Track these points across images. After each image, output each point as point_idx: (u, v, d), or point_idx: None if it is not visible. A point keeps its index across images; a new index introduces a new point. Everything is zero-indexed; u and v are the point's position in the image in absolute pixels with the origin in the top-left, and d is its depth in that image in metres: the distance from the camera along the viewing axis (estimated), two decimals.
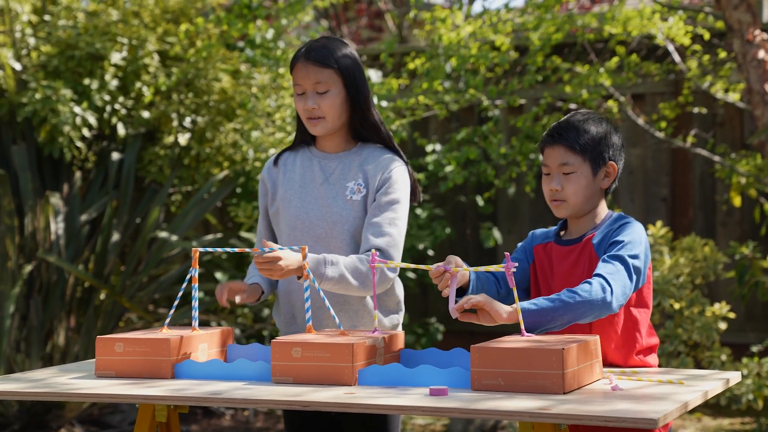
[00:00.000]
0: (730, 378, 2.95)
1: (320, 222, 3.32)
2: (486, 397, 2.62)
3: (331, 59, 3.31)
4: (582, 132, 3.10)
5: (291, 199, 3.37)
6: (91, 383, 2.90)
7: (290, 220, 3.35)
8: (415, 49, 7.57)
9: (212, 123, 6.71)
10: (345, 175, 3.37)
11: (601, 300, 2.87)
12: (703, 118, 7.26)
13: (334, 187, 3.36)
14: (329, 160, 3.41)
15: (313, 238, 3.32)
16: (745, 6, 5.83)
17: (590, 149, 3.10)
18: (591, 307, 2.86)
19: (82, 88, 6.44)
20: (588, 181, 3.10)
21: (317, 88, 3.31)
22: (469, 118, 7.73)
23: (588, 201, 3.12)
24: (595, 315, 2.89)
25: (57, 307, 6.31)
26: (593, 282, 2.88)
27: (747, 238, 7.08)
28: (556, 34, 6.68)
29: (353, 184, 3.35)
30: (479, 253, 7.80)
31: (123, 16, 6.73)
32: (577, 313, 2.86)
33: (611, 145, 3.13)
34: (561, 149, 3.11)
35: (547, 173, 3.15)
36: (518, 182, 7.54)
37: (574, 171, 3.10)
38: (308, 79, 3.31)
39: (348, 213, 3.32)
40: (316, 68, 3.30)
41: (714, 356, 5.90)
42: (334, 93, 3.32)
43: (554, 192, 3.12)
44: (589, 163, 3.10)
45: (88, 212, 6.52)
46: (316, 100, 3.31)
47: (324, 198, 3.35)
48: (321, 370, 2.80)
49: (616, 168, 3.15)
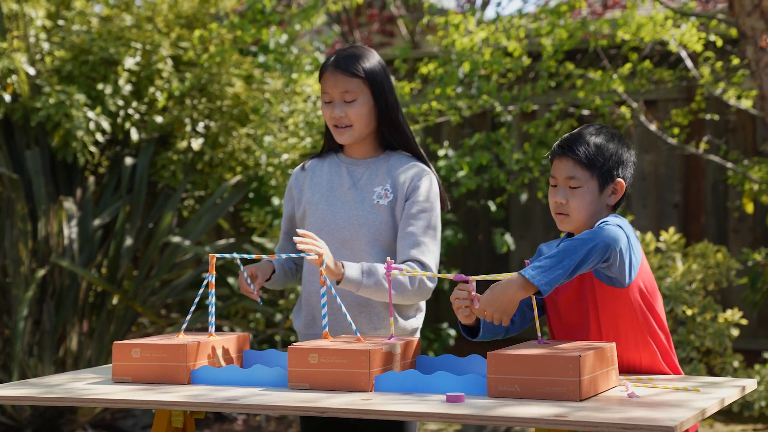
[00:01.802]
0: (746, 385, 2.95)
1: (346, 225, 3.34)
2: (502, 404, 2.62)
3: (359, 68, 3.33)
4: (592, 147, 3.06)
5: (318, 202, 3.40)
6: (108, 389, 2.90)
7: (316, 222, 3.38)
8: (428, 55, 7.58)
9: (225, 128, 6.72)
10: (372, 180, 3.39)
11: (599, 237, 2.82)
12: (716, 124, 7.26)
13: (362, 191, 3.38)
14: (357, 166, 3.43)
15: (339, 240, 3.34)
16: (758, 13, 5.83)
17: (599, 165, 3.05)
18: (591, 242, 2.81)
19: (96, 93, 6.46)
20: (593, 197, 3.06)
21: (345, 97, 3.33)
22: (482, 123, 7.74)
23: (592, 217, 3.07)
24: (601, 252, 2.82)
25: (70, 312, 6.33)
26: (591, 229, 2.88)
27: (759, 244, 7.07)
28: (569, 40, 6.68)
29: (381, 189, 3.37)
30: (492, 259, 7.80)
31: (136, 21, 6.76)
32: (581, 253, 2.79)
33: (621, 163, 3.09)
34: (569, 162, 3.07)
35: (554, 185, 3.11)
36: (531, 188, 7.54)
37: (581, 186, 3.06)
38: (336, 88, 3.33)
39: (374, 217, 3.34)
40: (345, 77, 3.32)
41: (726, 363, 5.90)
42: (362, 102, 3.34)
43: (559, 205, 3.09)
44: (597, 179, 3.06)
45: (101, 217, 6.53)
46: (344, 109, 3.34)
47: (351, 202, 3.37)
48: (337, 377, 2.81)
49: (624, 186, 3.10)
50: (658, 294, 3.09)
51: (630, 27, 6.69)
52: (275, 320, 6.72)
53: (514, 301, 2.79)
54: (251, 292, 3.26)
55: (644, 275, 3.04)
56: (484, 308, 2.81)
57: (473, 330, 3.09)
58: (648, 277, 3.06)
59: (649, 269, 3.08)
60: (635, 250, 2.97)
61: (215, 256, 3.08)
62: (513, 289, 2.78)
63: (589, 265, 2.81)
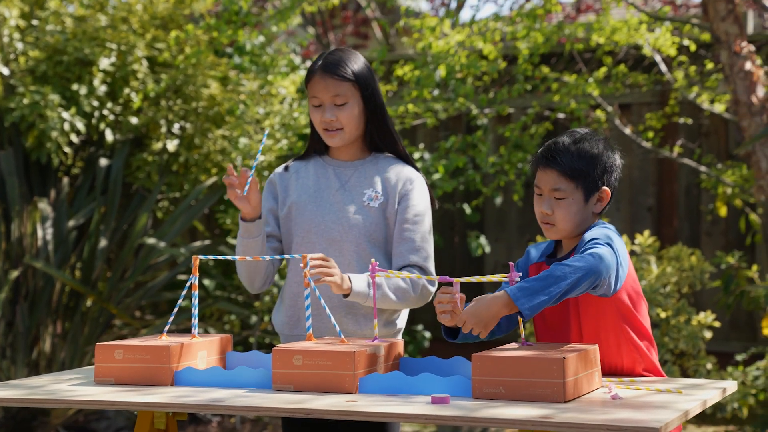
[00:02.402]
0: (726, 387, 2.98)
1: (336, 226, 3.35)
2: (487, 406, 2.63)
3: (348, 72, 3.34)
4: (576, 157, 3.03)
5: (306, 204, 3.40)
6: (91, 390, 2.89)
7: (304, 223, 3.38)
8: (403, 57, 7.59)
9: (201, 129, 6.71)
10: (362, 182, 3.41)
11: (590, 265, 2.80)
12: (689, 128, 7.31)
13: (351, 193, 3.39)
14: (344, 168, 3.44)
15: (327, 241, 3.35)
16: (732, 18, 5.87)
17: (583, 176, 3.04)
18: (581, 270, 2.79)
19: (71, 94, 6.42)
20: (579, 207, 3.06)
21: (335, 101, 3.34)
22: (457, 126, 7.75)
23: (579, 226, 3.07)
24: (590, 282, 2.81)
25: (43, 314, 6.29)
26: (582, 255, 2.83)
27: (731, 247, 7.12)
28: (545, 44, 6.71)
29: (371, 191, 3.38)
30: (467, 261, 7.82)
31: (111, 21, 6.73)
32: (569, 282, 2.77)
33: (606, 170, 3.07)
34: (553, 174, 3.05)
35: (539, 194, 3.10)
36: (506, 191, 7.57)
37: (566, 197, 3.05)
38: (326, 92, 3.34)
39: (364, 218, 3.35)
40: (335, 81, 3.33)
41: (700, 365, 5.93)
42: (352, 105, 3.35)
43: (544, 215, 3.08)
44: (582, 189, 3.05)
45: (75, 218, 6.50)
46: (334, 112, 3.34)
47: (340, 203, 3.38)
48: (322, 378, 2.81)
49: (609, 193, 3.10)
50: (642, 301, 3.09)
51: (605, 31, 6.72)
52: (250, 322, 6.71)
53: (497, 318, 2.80)
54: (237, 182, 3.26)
55: (630, 282, 3.05)
56: (465, 319, 2.81)
57: (454, 331, 3.10)
58: (633, 284, 3.06)
59: (635, 276, 3.09)
60: (623, 263, 2.96)
61: (198, 258, 3.08)
62: (497, 306, 2.79)
63: (576, 293, 2.82)
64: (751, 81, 5.82)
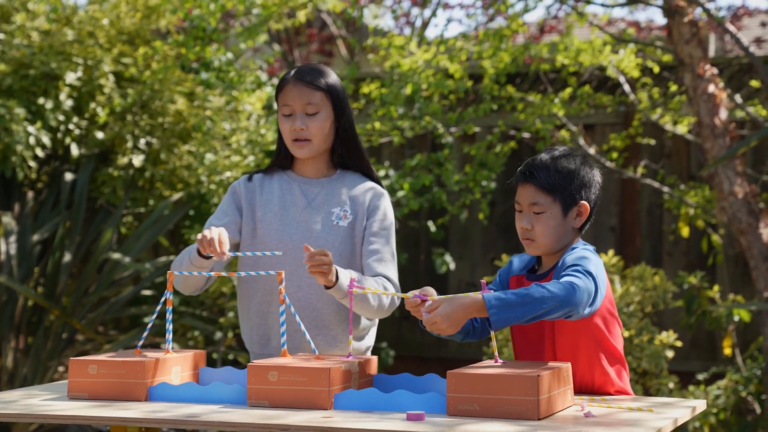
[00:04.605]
0: (696, 406, 3.01)
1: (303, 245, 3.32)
2: (462, 422, 2.65)
3: (322, 82, 3.35)
4: (553, 171, 3.08)
5: (271, 222, 3.38)
6: (65, 405, 2.88)
7: (271, 242, 3.35)
8: (369, 75, 7.63)
9: (167, 145, 6.70)
10: (329, 200, 3.40)
11: (567, 297, 2.83)
12: (652, 149, 7.39)
13: (318, 212, 3.38)
14: (310, 185, 3.42)
15: (296, 261, 3.32)
16: (696, 41, 5.96)
17: (560, 189, 3.09)
18: (558, 300, 2.82)
19: (36, 108, 6.40)
20: (558, 222, 3.10)
21: (307, 109, 3.34)
22: (423, 144, 7.79)
23: (559, 240, 3.11)
24: (564, 312, 2.85)
25: (6, 328, 6.25)
26: (562, 282, 2.86)
27: (693, 267, 7.20)
28: (510, 65, 6.77)
29: (339, 210, 3.38)
30: (431, 278, 7.84)
31: (78, 36, 6.71)
32: (545, 308, 2.81)
33: (584, 184, 3.12)
34: (531, 188, 3.10)
35: (519, 210, 3.15)
36: (471, 209, 7.61)
37: (544, 211, 3.09)
38: (299, 100, 3.33)
39: (333, 238, 3.35)
40: (308, 90, 3.34)
41: (662, 384, 5.99)
42: (324, 116, 3.35)
43: (525, 231, 3.13)
44: (560, 203, 3.09)
45: (39, 232, 6.46)
46: (305, 122, 3.34)
47: (307, 222, 3.37)
48: (297, 394, 2.82)
49: (588, 207, 3.14)
50: (616, 321, 3.13)
51: (570, 52, 6.79)
52: (215, 338, 6.69)
53: (467, 320, 2.84)
54: (219, 252, 3.11)
55: (606, 304, 3.08)
56: (436, 320, 2.84)
57: None
58: (609, 306, 3.10)
59: (611, 296, 3.13)
60: (601, 286, 2.97)
61: (174, 274, 3.08)
62: (471, 310, 2.83)
63: (548, 317, 2.86)
64: (714, 103, 5.91)
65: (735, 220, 5.85)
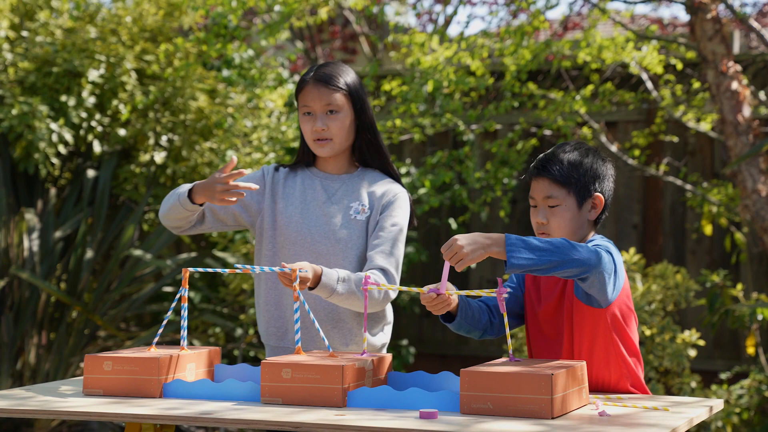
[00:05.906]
0: (713, 405, 2.99)
1: (323, 240, 3.36)
2: (475, 421, 2.64)
3: (341, 82, 3.37)
4: (566, 164, 3.10)
5: (291, 215, 3.41)
6: (80, 401, 2.89)
7: (291, 235, 3.39)
8: (391, 72, 7.62)
9: (188, 142, 6.71)
10: (348, 195, 3.42)
11: (589, 257, 2.85)
12: (675, 146, 7.34)
13: (337, 206, 3.41)
14: (332, 181, 3.46)
15: (314, 254, 3.36)
16: (719, 38, 5.92)
17: (575, 182, 3.10)
18: (582, 254, 2.83)
19: (59, 105, 6.43)
20: (573, 214, 3.11)
21: (327, 109, 3.36)
22: (444, 141, 7.78)
23: (574, 233, 3.12)
24: (581, 269, 2.85)
25: (28, 324, 6.28)
26: (587, 245, 2.88)
27: (715, 266, 7.16)
28: (532, 62, 6.74)
29: (357, 205, 3.40)
30: (452, 276, 7.82)
31: (101, 33, 6.73)
32: (565, 258, 2.82)
33: (597, 177, 3.13)
34: (545, 182, 3.12)
35: (534, 205, 3.16)
36: (492, 207, 7.59)
37: (559, 204, 3.11)
38: (319, 101, 3.36)
39: (351, 232, 3.37)
40: (328, 90, 3.36)
41: (684, 383, 5.96)
42: (344, 115, 3.38)
43: (540, 225, 3.14)
44: (574, 195, 3.11)
45: (62, 229, 6.49)
46: (326, 122, 3.37)
47: (327, 216, 3.39)
48: (310, 392, 2.82)
49: (603, 199, 3.15)
50: (633, 316, 3.12)
51: (592, 49, 6.76)
52: (235, 335, 6.70)
53: (485, 254, 2.81)
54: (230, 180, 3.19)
55: (623, 297, 3.08)
56: (455, 246, 2.81)
57: (450, 316, 3.14)
58: (626, 299, 3.10)
59: (628, 291, 3.13)
60: (620, 274, 3.00)
61: (189, 270, 3.08)
62: (492, 239, 2.81)
63: (564, 273, 2.84)
64: (738, 100, 5.87)
65: (758, 218, 5.81)
